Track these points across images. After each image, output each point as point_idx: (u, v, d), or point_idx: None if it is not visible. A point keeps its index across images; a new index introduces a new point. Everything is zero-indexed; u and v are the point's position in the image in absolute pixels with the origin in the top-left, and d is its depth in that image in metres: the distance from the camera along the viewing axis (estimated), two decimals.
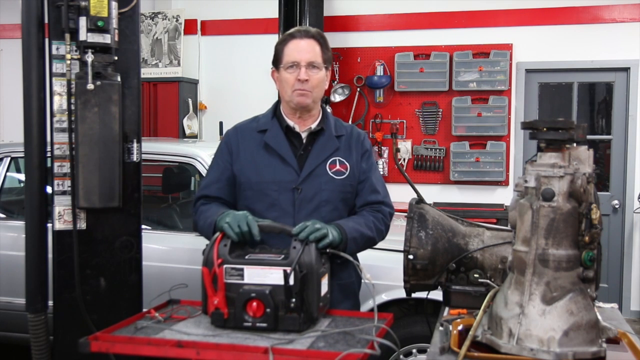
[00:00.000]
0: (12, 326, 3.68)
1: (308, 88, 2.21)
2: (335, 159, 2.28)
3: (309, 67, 2.21)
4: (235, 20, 6.42)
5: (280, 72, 2.26)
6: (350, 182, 2.29)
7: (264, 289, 1.85)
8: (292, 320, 1.84)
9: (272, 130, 2.29)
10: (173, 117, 6.22)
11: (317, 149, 2.28)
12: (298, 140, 2.29)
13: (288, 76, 2.23)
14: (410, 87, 5.91)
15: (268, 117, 2.33)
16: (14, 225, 3.84)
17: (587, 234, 1.63)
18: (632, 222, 5.66)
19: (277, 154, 2.25)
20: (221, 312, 1.88)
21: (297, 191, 2.22)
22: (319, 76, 2.24)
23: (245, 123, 2.38)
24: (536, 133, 1.70)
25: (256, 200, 2.23)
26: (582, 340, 1.60)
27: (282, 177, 2.23)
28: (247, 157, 2.27)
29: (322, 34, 2.29)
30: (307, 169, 2.24)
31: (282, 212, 2.21)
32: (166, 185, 4.21)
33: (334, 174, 2.26)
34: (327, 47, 2.29)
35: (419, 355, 3.23)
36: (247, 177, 2.26)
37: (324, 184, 2.24)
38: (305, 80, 2.20)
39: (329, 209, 2.24)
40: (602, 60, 5.65)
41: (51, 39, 2.67)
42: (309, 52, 2.22)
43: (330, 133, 2.30)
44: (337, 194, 2.26)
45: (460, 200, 5.82)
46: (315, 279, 1.88)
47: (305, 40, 2.23)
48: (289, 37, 2.25)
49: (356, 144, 2.33)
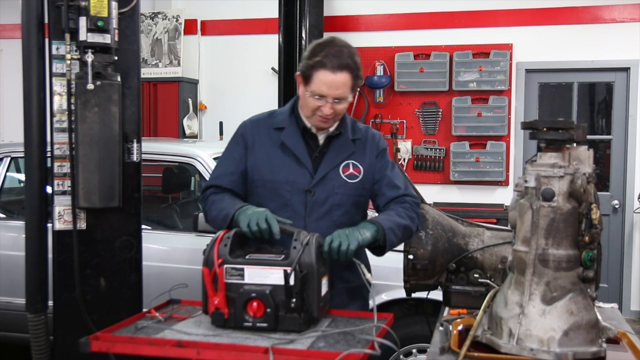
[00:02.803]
0: (12, 326, 3.68)
1: (330, 117, 2.17)
2: (348, 163, 2.25)
3: (334, 101, 2.14)
4: (235, 20, 6.42)
5: (307, 90, 2.16)
6: (364, 185, 2.26)
7: (265, 289, 1.84)
8: (293, 321, 1.84)
9: (289, 129, 2.25)
10: (173, 117, 6.22)
11: (333, 152, 2.25)
12: (314, 142, 2.26)
13: (313, 101, 2.15)
14: (410, 87, 5.91)
15: (286, 115, 2.28)
16: (14, 225, 3.84)
17: (587, 234, 1.64)
18: (632, 222, 5.66)
19: (293, 154, 2.22)
20: (221, 312, 1.88)
21: (309, 193, 2.20)
22: (343, 106, 2.18)
23: (262, 117, 2.33)
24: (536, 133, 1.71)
25: (268, 199, 2.21)
26: (582, 340, 1.60)
27: (296, 178, 2.20)
28: (262, 154, 2.24)
29: (356, 59, 2.16)
30: (321, 172, 2.21)
31: (294, 213, 2.18)
32: (166, 185, 4.21)
33: (347, 178, 2.24)
34: (359, 73, 2.17)
35: (419, 355, 3.23)
36: (261, 175, 2.23)
37: (336, 188, 2.22)
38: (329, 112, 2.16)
39: (340, 213, 2.22)
40: (602, 60, 5.65)
41: (51, 39, 2.67)
42: (339, 89, 2.12)
43: (347, 137, 2.27)
44: (350, 197, 2.24)
45: (460, 200, 5.82)
46: (316, 279, 1.88)
47: (337, 75, 2.10)
48: (320, 65, 2.11)
49: (371, 146, 2.30)
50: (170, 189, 4.36)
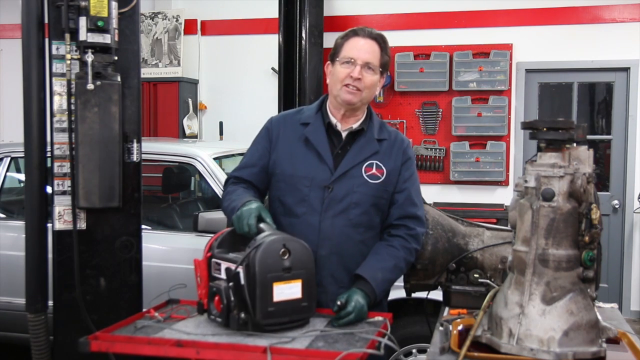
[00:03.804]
0: (12, 326, 3.68)
1: (359, 86, 2.16)
2: (372, 162, 2.22)
3: (364, 67, 2.16)
4: (235, 20, 6.42)
5: (335, 65, 2.21)
6: (385, 187, 2.23)
7: (222, 285, 1.88)
8: (234, 320, 1.85)
9: (314, 124, 2.25)
10: (173, 117, 6.22)
11: (355, 149, 2.23)
12: (337, 139, 2.25)
13: (341, 70, 2.17)
14: (410, 87, 5.91)
15: (312, 111, 2.29)
16: (14, 225, 3.84)
17: (587, 234, 1.64)
18: (632, 222, 5.66)
19: (315, 149, 2.21)
20: (202, 302, 1.97)
21: (327, 189, 2.18)
22: (372, 78, 2.19)
23: (290, 113, 2.35)
24: (536, 133, 1.71)
25: (287, 193, 2.21)
26: (582, 340, 1.60)
27: (316, 174, 2.19)
28: (285, 148, 2.24)
29: (385, 38, 2.23)
30: (342, 168, 2.19)
31: (311, 208, 2.18)
32: (166, 185, 4.21)
33: (369, 178, 2.20)
34: (387, 51, 2.23)
35: (419, 355, 3.23)
36: (282, 169, 2.23)
37: (356, 186, 2.19)
38: (358, 79, 2.16)
39: (358, 212, 2.19)
40: (602, 60, 5.65)
41: (51, 39, 2.67)
42: (368, 53, 2.17)
43: (372, 135, 2.25)
44: (369, 198, 2.20)
45: (460, 200, 5.82)
46: (261, 282, 1.82)
47: (367, 40, 2.18)
48: (351, 34, 2.21)
49: (398, 151, 2.27)
50: (170, 189, 4.35)
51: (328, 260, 2.17)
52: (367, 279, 2.10)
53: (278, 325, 1.85)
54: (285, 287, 1.87)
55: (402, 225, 2.24)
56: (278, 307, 1.85)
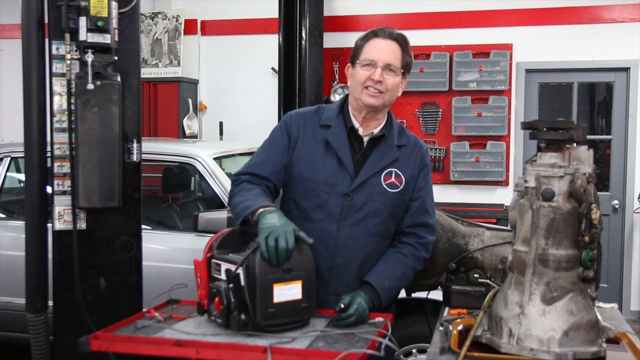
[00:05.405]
0: (12, 326, 3.68)
1: (380, 89, 2.11)
2: (391, 171, 2.17)
3: (385, 69, 2.12)
4: (235, 20, 6.42)
5: (356, 67, 2.15)
6: (403, 196, 2.19)
7: (222, 287, 1.88)
8: (234, 321, 1.84)
9: (335, 128, 2.18)
10: (173, 117, 6.22)
11: (376, 157, 2.17)
12: (359, 144, 2.19)
13: (362, 72, 2.12)
14: (410, 87, 5.88)
15: (334, 113, 2.22)
16: (14, 225, 3.84)
17: (587, 234, 1.64)
18: (632, 222, 5.66)
19: (336, 155, 2.15)
20: (202, 302, 1.96)
21: (347, 197, 2.13)
22: (394, 80, 2.14)
23: (309, 111, 2.25)
24: (536, 133, 1.71)
25: (304, 197, 2.15)
26: (582, 340, 1.60)
27: (336, 180, 2.13)
28: (305, 149, 2.17)
29: (406, 38, 2.21)
30: (362, 176, 2.14)
31: (329, 215, 2.13)
32: (166, 185, 4.21)
33: (388, 187, 2.16)
34: (409, 52, 2.20)
35: (419, 355, 3.22)
36: (300, 172, 2.16)
37: (375, 195, 2.14)
38: (379, 82, 2.11)
39: (376, 221, 2.15)
40: (602, 60, 5.65)
41: (51, 39, 2.67)
42: (389, 54, 2.13)
43: (392, 141, 2.20)
44: (388, 207, 2.16)
45: (460, 200, 5.82)
46: (261, 283, 1.82)
47: (387, 41, 2.14)
48: (371, 35, 2.16)
49: (416, 158, 2.23)
50: (170, 189, 4.35)
51: (344, 269, 2.14)
52: (375, 286, 2.09)
53: (278, 326, 1.85)
54: (285, 288, 1.86)
55: (413, 233, 2.21)
56: (278, 308, 1.84)
